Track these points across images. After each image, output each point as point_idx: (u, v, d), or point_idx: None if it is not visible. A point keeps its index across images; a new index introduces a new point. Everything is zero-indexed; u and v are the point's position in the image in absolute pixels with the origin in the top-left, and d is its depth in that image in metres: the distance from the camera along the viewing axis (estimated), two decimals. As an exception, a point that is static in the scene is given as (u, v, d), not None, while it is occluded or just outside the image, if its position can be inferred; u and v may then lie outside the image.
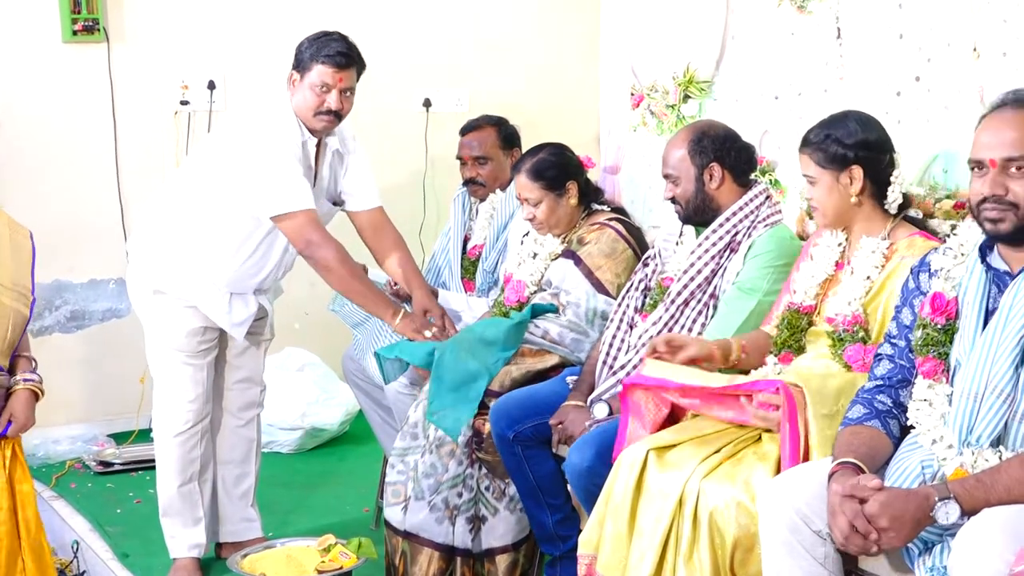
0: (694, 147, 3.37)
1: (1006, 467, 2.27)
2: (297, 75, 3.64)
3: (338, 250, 3.63)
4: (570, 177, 3.82)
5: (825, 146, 2.95)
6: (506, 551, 3.57)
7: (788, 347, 3.04)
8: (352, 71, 3.64)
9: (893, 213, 2.98)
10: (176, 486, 3.78)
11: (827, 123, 3.01)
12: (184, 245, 3.68)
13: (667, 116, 4.64)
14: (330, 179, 3.80)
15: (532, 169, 3.79)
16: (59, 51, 5.01)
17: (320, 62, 3.58)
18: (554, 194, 3.79)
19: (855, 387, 2.73)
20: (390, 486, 3.68)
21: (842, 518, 2.30)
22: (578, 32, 5.73)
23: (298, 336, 5.36)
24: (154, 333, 3.76)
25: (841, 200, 2.96)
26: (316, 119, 3.62)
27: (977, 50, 3.47)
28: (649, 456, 2.87)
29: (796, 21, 4.10)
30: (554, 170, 3.80)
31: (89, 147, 5.10)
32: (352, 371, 4.26)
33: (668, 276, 3.41)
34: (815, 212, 3.03)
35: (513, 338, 3.63)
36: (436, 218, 5.49)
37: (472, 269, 4.29)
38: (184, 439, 3.76)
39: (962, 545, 2.17)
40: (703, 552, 2.70)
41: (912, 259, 2.82)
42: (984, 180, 2.40)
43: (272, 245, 3.69)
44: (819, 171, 2.97)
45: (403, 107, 5.60)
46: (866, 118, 3.01)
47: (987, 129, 2.43)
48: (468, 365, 3.57)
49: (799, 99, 4.09)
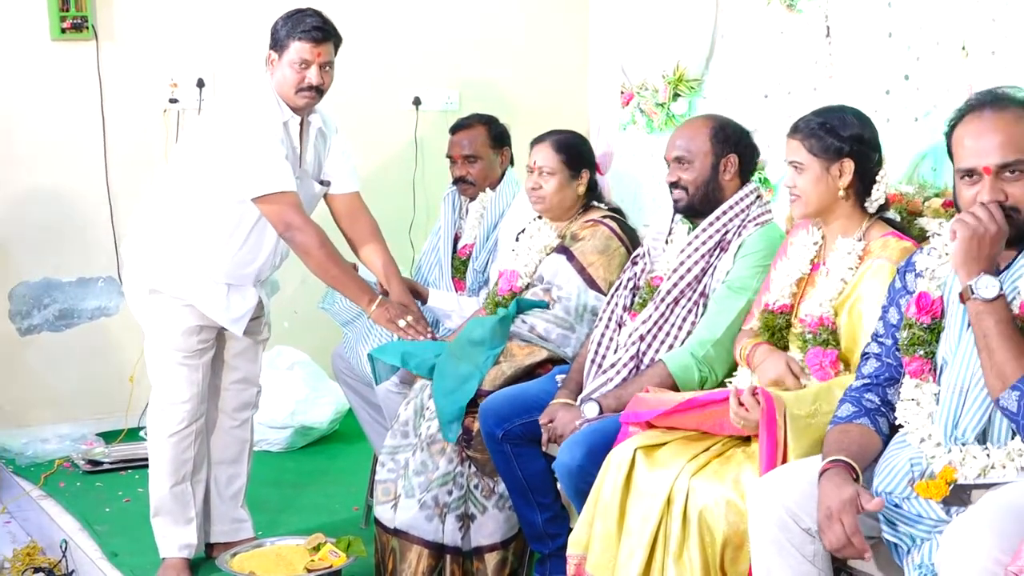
0: (718, 134, 3.35)
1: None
2: (275, 55, 3.62)
3: (318, 234, 3.62)
4: (586, 165, 3.84)
5: (820, 134, 2.91)
6: (495, 549, 3.56)
7: None
8: (330, 44, 3.63)
9: (872, 212, 2.97)
10: (169, 486, 3.77)
11: (822, 112, 2.98)
12: (176, 239, 3.66)
13: (657, 114, 4.65)
14: (315, 159, 3.78)
15: (558, 141, 3.82)
16: (48, 49, 4.99)
17: (297, 39, 3.57)
18: (569, 173, 3.81)
19: (831, 389, 2.74)
20: (380, 484, 3.67)
21: (839, 527, 2.31)
22: (568, 30, 5.73)
23: (288, 334, 5.35)
24: (151, 333, 3.75)
25: (827, 191, 2.93)
26: (298, 96, 3.60)
27: (966, 48, 3.48)
28: (637, 455, 2.88)
29: (785, 20, 4.11)
30: (577, 150, 3.83)
31: (78, 145, 5.08)
32: (342, 369, 4.26)
33: (657, 275, 3.41)
34: (795, 201, 2.97)
35: (500, 334, 3.63)
36: (426, 217, 5.48)
37: (462, 268, 4.29)
38: (178, 439, 3.74)
39: (951, 542, 2.18)
40: (693, 550, 2.70)
41: (884, 260, 2.82)
42: (981, 187, 2.39)
43: (264, 231, 3.67)
44: (809, 158, 2.93)
45: (393, 105, 5.59)
46: (862, 114, 3.00)
47: (970, 135, 2.41)
48: (460, 369, 3.57)
49: (789, 97, 4.10)
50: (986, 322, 2.30)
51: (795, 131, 2.97)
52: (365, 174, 5.49)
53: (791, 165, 2.97)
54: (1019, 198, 2.37)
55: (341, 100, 5.44)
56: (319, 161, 3.81)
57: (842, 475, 2.38)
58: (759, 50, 4.23)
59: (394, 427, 3.72)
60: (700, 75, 4.51)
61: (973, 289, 2.31)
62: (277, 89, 3.62)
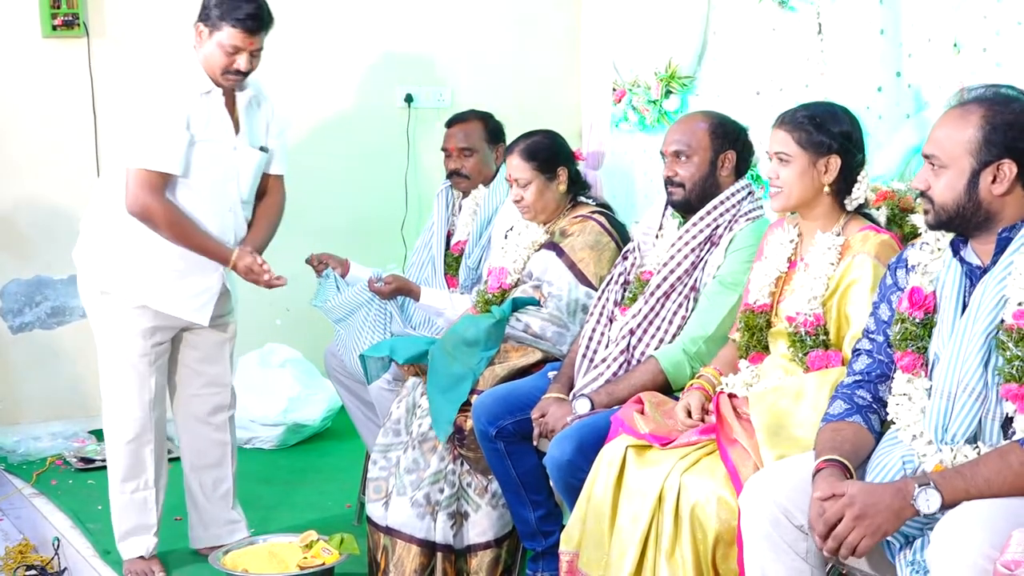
0: (717, 129, 3.36)
1: (985, 460, 2.29)
2: (204, 28, 3.54)
3: (166, 214, 3.49)
4: (561, 163, 3.83)
5: (809, 128, 2.90)
6: (488, 547, 3.57)
7: (754, 348, 3.04)
8: (263, 34, 3.57)
9: (850, 210, 2.96)
10: (129, 492, 3.73)
11: (812, 107, 2.98)
12: (124, 229, 3.57)
13: (649, 111, 4.64)
14: (250, 127, 3.69)
15: (526, 149, 3.81)
16: (39, 46, 4.98)
17: (231, 24, 3.50)
18: (544, 177, 3.80)
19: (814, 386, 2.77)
20: (372, 482, 3.67)
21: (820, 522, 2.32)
22: (560, 27, 5.73)
23: (280, 332, 5.35)
24: (103, 337, 3.68)
25: (811, 185, 2.92)
26: (223, 77, 3.55)
27: (958, 45, 3.49)
28: (628, 453, 2.88)
29: (778, 17, 4.11)
30: (547, 153, 3.81)
31: (69, 143, 5.07)
32: (334, 367, 4.25)
33: (647, 270, 3.41)
34: (776, 194, 2.95)
35: (494, 337, 3.62)
36: (418, 214, 5.48)
37: (455, 265, 4.29)
38: (136, 447, 3.70)
39: (941, 538, 2.19)
40: (685, 547, 2.70)
41: (865, 255, 2.82)
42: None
43: (215, 194, 3.59)
44: (797, 151, 2.91)
45: (385, 103, 5.58)
46: (851, 113, 3.00)
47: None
48: (453, 368, 3.57)
49: (781, 94, 4.09)
50: (971, 489, 2.26)
51: (783, 122, 2.95)
52: (357, 171, 5.51)
53: (776, 156, 2.95)
54: (935, 191, 2.42)
55: (333, 97, 5.49)
56: (254, 128, 3.71)
57: (836, 475, 2.39)
58: (751, 47, 4.23)
59: (386, 425, 3.72)
60: (692, 72, 4.51)
61: (923, 513, 2.28)
62: (202, 62, 3.55)
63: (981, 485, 2.25)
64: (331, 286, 4.13)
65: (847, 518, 2.28)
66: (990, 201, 2.38)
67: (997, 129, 2.36)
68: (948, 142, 2.40)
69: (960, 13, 3.47)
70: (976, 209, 2.39)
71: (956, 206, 2.40)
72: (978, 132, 2.37)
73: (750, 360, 3.02)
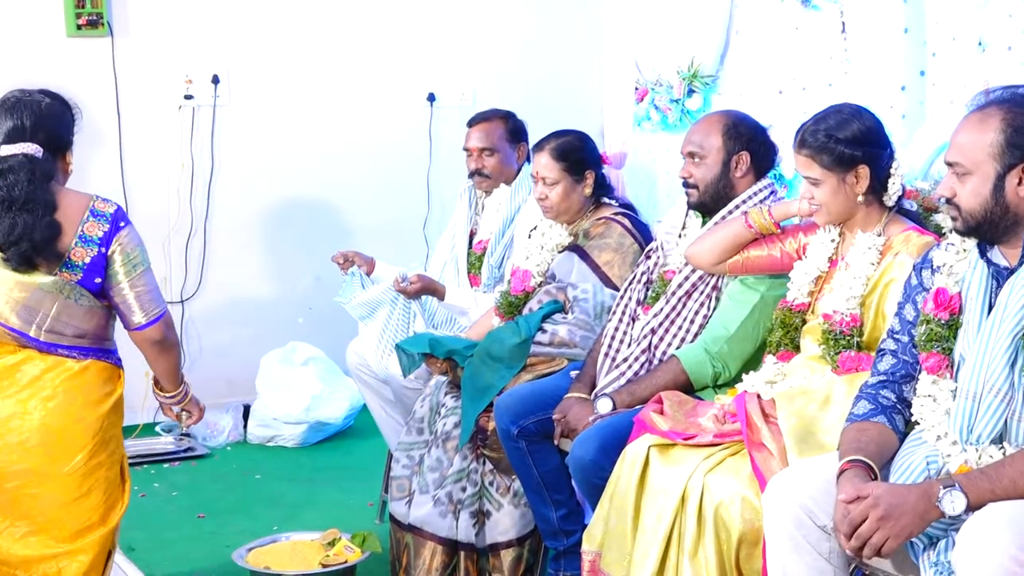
0: (730, 130, 3.34)
1: (1011, 461, 2.28)
2: None
3: None
4: (590, 166, 3.82)
5: (831, 148, 2.88)
6: (511, 546, 3.57)
7: (785, 346, 3.04)
8: None
9: (891, 205, 2.96)
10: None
11: (822, 120, 2.93)
12: None
13: (671, 111, 4.64)
14: None
15: (556, 149, 3.80)
16: (63, 45, 5.01)
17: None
18: (572, 179, 3.80)
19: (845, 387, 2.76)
20: (394, 480, 3.68)
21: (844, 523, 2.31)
22: (582, 26, 5.72)
23: (302, 330, 5.36)
24: None
25: (847, 199, 2.92)
26: None
27: (982, 44, 3.47)
28: (651, 452, 2.88)
29: (801, 15, 4.09)
30: (578, 155, 3.81)
31: (93, 142, 5.09)
32: (356, 365, 4.26)
33: (670, 269, 3.40)
34: (816, 212, 2.97)
35: (517, 356, 3.59)
36: (440, 213, 5.48)
37: (478, 264, 4.29)
38: None
39: (966, 540, 2.18)
40: (708, 547, 2.70)
41: (906, 255, 2.82)
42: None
43: None
44: (824, 173, 2.91)
45: (407, 101, 5.59)
46: (860, 110, 2.97)
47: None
48: (483, 377, 3.57)
49: (804, 93, 4.08)
50: (997, 490, 2.26)
51: (803, 146, 2.94)
52: (380, 170, 5.52)
53: (807, 180, 2.96)
54: (961, 197, 2.41)
55: (356, 96, 5.50)
56: None
57: (861, 476, 2.38)
58: (774, 46, 4.22)
59: (409, 423, 3.73)
60: (715, 71, 4.50)
61: (948, 515, 2.27)
62: None
63: (1007, 486, 2.24)
64: (356, 284, 4.15)
65: (871, 519, 2.28)
66: (1017, 203, 2.37)
67: (1019, 131, 2.35)
68: (970, 148, 2.39)
69: (985, 11, 3.45)
70: (1004, 213, 2.38)
71: (984, 211, 2.39)
72: (999, 136, 2.36)
73: (779, 357, 3.02)
